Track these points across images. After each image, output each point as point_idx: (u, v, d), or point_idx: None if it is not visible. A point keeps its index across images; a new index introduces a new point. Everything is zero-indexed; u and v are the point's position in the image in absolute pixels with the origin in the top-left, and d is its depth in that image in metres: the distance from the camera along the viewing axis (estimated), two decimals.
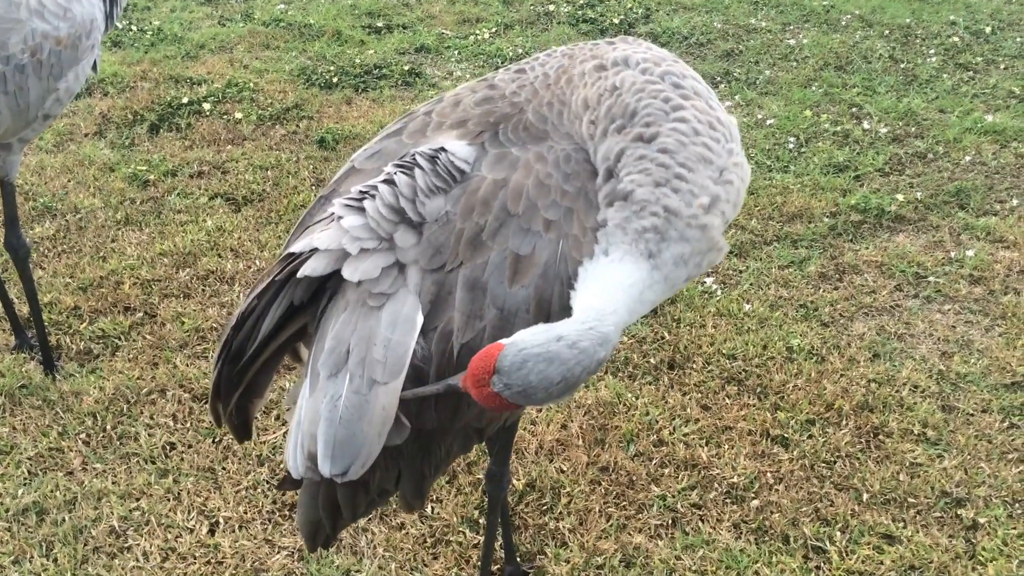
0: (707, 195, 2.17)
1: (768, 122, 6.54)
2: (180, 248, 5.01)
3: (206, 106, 6.66)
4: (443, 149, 2.25)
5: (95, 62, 3.83)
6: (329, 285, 2.23)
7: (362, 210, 2.17)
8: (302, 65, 7.50)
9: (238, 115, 6.57)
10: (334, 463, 2.07)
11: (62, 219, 5.30)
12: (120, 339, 4.35)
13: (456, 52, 7.92)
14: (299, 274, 2.15)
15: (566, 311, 2.11)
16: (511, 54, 7.81)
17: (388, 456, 2.23)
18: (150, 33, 8.09)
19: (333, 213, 2.21)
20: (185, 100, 6.69)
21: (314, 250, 2.16)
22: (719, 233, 2.20)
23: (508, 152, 2.26)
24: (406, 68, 7.46)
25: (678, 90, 2.27)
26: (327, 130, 6.35)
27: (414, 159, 2.24)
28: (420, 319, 2.11)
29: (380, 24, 8.50)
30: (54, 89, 3.63)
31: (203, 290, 4.72)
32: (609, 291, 2.04)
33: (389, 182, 2.20)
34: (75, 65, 3.67)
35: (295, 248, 2.20)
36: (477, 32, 8.30)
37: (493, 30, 8.35)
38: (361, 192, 2.21)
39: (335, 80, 7.23)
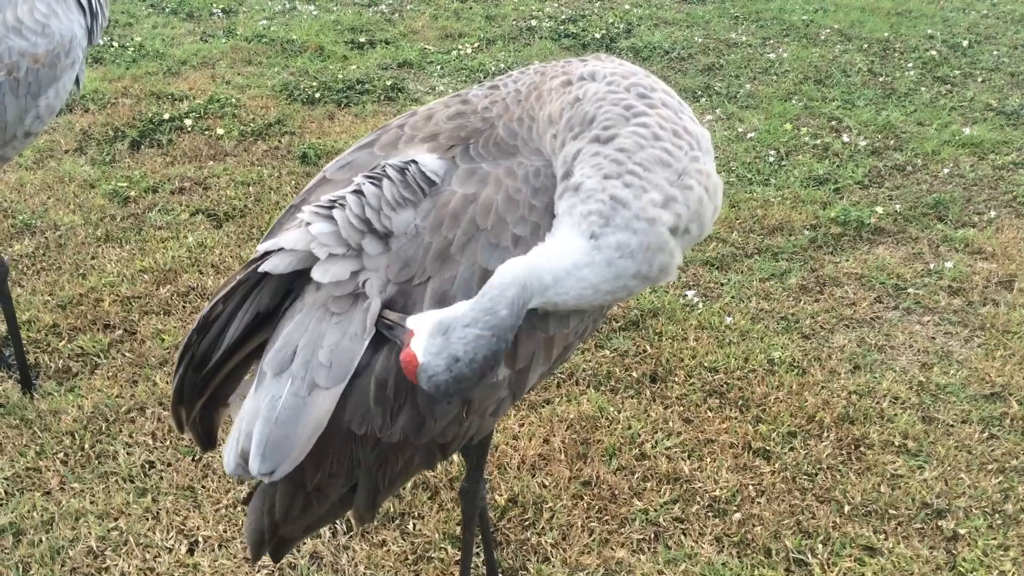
0: (660, 193, 2.10)
1: (749, 135, 6.58)
2: (161, 265, 4.98)
3: (188, 122, 6.65)
4: (413, 161, 2.25)
5: (78, 77, 3.81)
6: (294, 288, 2.22)
7: (331, 218, 2.17)
8: (284, 81, 7.50)
9: (220, 131, 6.56)
10: (263, 462, 2.09)
11: (41, 236, 5.26)
12: (99, 357, 4.32)
13: (439, 67, 7.94)
14: (261, 269, 2.15)
15: (534, 330, 2.13)
16: (493, 69, 7.84)
17: (344, 465, 2.23)
18: (131, 49, 8.07)
19: (301, 220, 2.21)
20: (167, 116, 6.67)
21: (279, 249, 2.16)
22: (668, 232, 2.10)
23: (479, 167, 2.26)
24: (388, 83, 7.48)
25: (643, 100, 2.23)
26: (309, 145, 6.35)
27: (384, 171, 2.24)
28: (372, 329, 2.10)
29: (363, 39, 8.52)
30: (32, 107, 3.60)
31: (183, 307, 4.69)
32: (533, 257, 2.00)
33: (358, 192, 2.20)
34: (54, 83, 3.64)
35: (263, 247, 2.20)
36: (459, 47, 8.34)
37: (476, 45, 8.38)
38: (330, 201, 2.21)
39: (317, 95, 7.23)
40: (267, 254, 2.16)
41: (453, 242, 2.14)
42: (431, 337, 1.94)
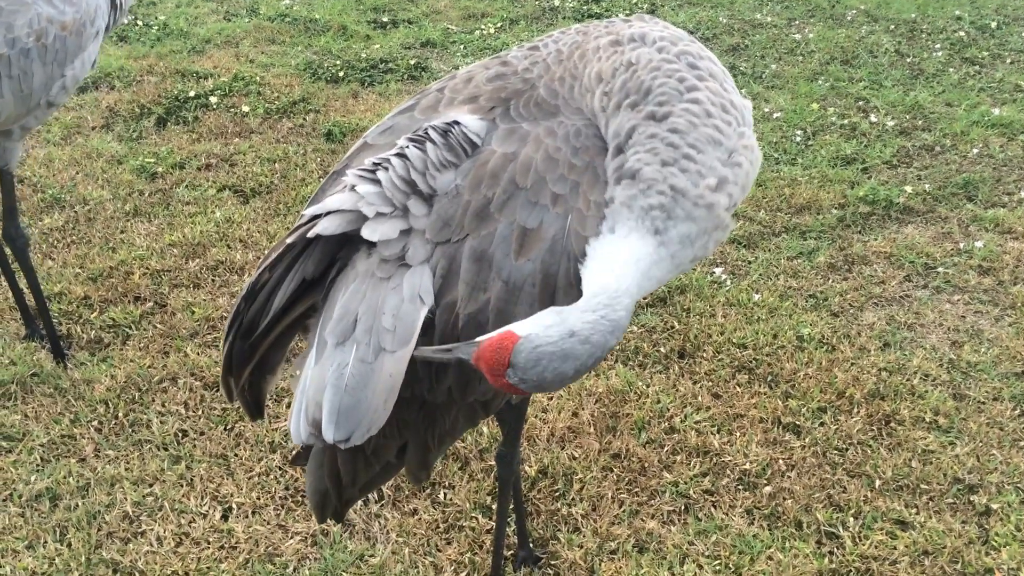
0: (714, 176, 2.16)
1: (775, 115, 6.54)
2: (189, 239, 5.01)
3: (213, 100, 6.67)
4: (456, 122, 2.25)
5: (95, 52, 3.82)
6: (340, 257, 2.22)
7: (376, 181, 2.17)
8: (308, 59, 7.50)
9: (245, 108, 6.58)
10: (338, 429, 2.07)
11: (71, 210, 5.30)
12: (131, 328, 4.35)
13: (462, 47, 7.92)
14: (312, 233, 2.15)
15: (572, 287, 2.12)
16: None
17: (393, 426, 2.23)
18: (156, 28, 8.09)
19: (346, 184, 2.22)
20: (192, 94, 6.69)
21: (328, 212, 2.16)
22: (725, 212, 2.19)
23: (519, 127, 2.26)
24: (412, 62, 7.47)
25: (693, 71, 2.26)
26: (334, 123, 6.35)
27: (426, 133, 2.24)
28: (431, 291, 2.11)
29: (385, 19, 8.51)
30: (59, 76, 3.60)
31: (213, 280, 4.72)
32: (618, 269, 2.03)
33: (401, 155, 2.20)
34: (80, 52, 3.64)
35: (309, 211, 2.20)
36: (482, 27, 8.31)
37: (499, 25, 8.35)
38: (374, 164, 2.22)
39: (341, 74, 7.23)
40: (315, 218, 2.17)
41: (492, 200, 2.15)
42: (541, 317, 1.95)
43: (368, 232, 2.11)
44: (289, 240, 2.20)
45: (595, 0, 8.80)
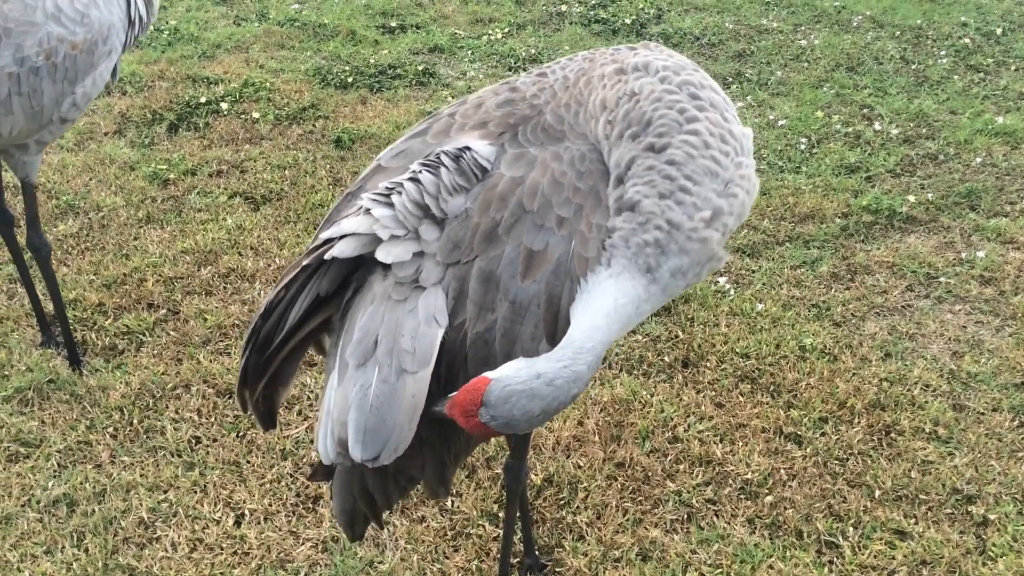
0: (709, 208, 2.27)
1: (780, 123, 6.59)
2: (201, 246, 5.09)
3: (224, 105, 6.75)
4: (467, 148, 2.34)
5: (115, 68, 3.89)
6: (354, 278, 2.30)
7: (390, 204, 2.25)
8: (317, 65, 7.58)
9: (255, 115, 6.66)
10: (365, 449, 2.15)
11: (84, 217, 5.39)
12: (144, 335, 4.44)
13: (469, 52, 7.99)
14: (328, 255, 2.23)
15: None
16: (524, 54, 7.88)
17: (415, 445, 2.31)
18: (167, 33, 8.17)
19: (361, 207, 2.29)
20: (203, 99, 6.77)
21: (343, 235, 2.24)
22: (718, 245, 2.31)
23: (526, 151, 2.35)
24: (420, 68, 7.53)
25: (694, 101, 2.35)
26: (343, 130, 6.43)
27: (439, 158, 2.32)
28: (445, 312, 2.19)
29: (394, 24, 8.58)
30: (70, 93, 3.68)
31: (225, 287, 4.80)
32: (597, 320, 2.15)
33: (414, 180, 2.29)
34: (91, 71, 3.71)
35: (325, 234, 2.29)
36: (490, 32, 8.37)
37: (506, 30, 8.41)
38: (388, 188, 2.30)
39: (350, 80, 7.30)
40: (329, 241, 2.24)
41: (500, 223, 2.23)
42: (511, 364, 2.10)
43: (383, 254, 2.19)
44: (305, 262, 2.28)
45: (601, 6, 8.86)
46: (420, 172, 2.29)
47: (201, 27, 8.42)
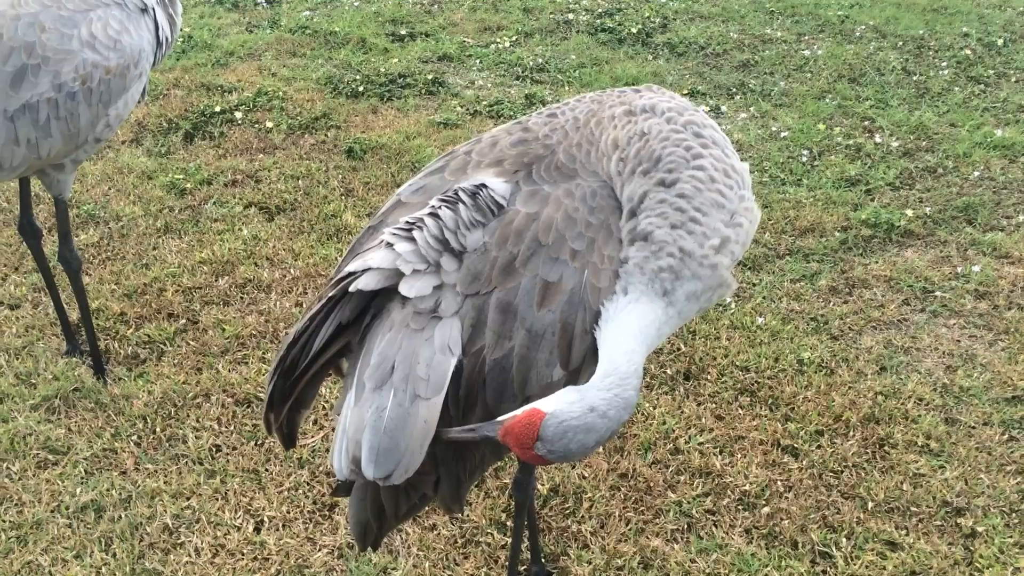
0: (718, 236, 2.45)
1: (783, 134, 6.73)
2: (218, 256, 5.25)
3: (238, 115, 6.90)
4: (484, 185, 2.49)
5: (144, 88, 4.07)
6: (373, 305, 2.46)
7: (412, 239, 2.41)
8: (328, 73, 7.72)
9: (269, 124, 6.81)
10: (377, 468, 2.31)
11: (105, 227, 5.55)
12: (165, 344, 4.60)
13: (478, 61, 8.13)
14: (352, 288, 2.39)
15: (587, 334, 2.38)
16: (531, 63, 8.02)
17: (427, 461, 2.47)
18: (181, 40, 8.32)
19: (383, 240, 2.45)
20: (218, 108, 6.93)
21: (367, 269, 2.40)
22: (727, 271, 2.48)
23: (540, 188, 2.51)
24: (429, 77, 7.68)
25: (698, 139, 2.53)
26: (355, 140, 6.58)
27: (457, 195, 2.48)
28: (459, 342, 2.34)
29: (403, 32, 8.72)
30: (104, 115, 3.85)
31: (241, 298, 4.96)
32: (630, 341, 2.30)
33: (434, 215, 2.44)
34: (124, 93, 3.90)
35: (349, 268, 2.44)
36: (498, 40, 8.51)
37: (514, 38, 8.55)
38: (408, 223, 2.46)
39: (361, 89, 7.45)
40: (353, 273, 2.40)
41: (517, 256, 2.39)
42: (563, 395, 2.21)
43: (405, 289, 2.35)
44: (330, 293, 2.44)
45: (608, 14, 8.99)
46: (440, 208, 2.45)
47: (214, 34, 8.57)
